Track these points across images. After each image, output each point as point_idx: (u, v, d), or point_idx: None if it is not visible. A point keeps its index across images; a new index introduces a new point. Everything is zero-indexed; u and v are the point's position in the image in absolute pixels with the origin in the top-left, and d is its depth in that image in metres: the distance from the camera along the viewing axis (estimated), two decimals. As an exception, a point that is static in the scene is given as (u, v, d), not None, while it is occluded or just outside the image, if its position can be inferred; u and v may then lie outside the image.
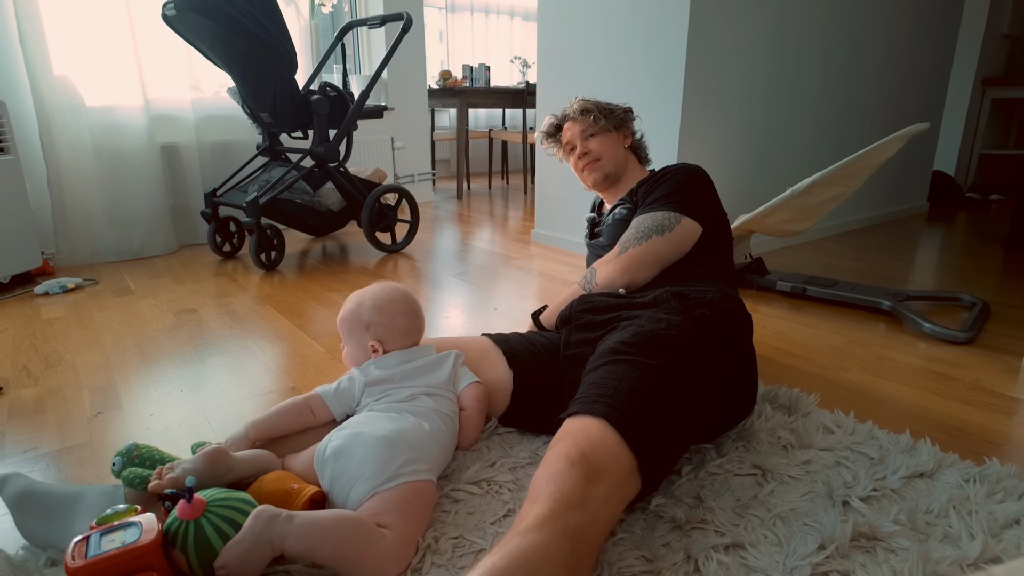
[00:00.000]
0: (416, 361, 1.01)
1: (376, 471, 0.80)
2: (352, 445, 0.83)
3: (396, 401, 0.95)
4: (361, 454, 0.82)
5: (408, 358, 1.02)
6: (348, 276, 2.26)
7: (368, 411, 0.94)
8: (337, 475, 0.82)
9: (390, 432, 0.85)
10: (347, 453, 0.83)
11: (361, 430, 0.85)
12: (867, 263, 2.36)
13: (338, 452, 0.83)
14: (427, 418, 0.93)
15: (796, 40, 2.40)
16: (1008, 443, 1.08)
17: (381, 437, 0.84)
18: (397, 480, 0.80)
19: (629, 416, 0.80)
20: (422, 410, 0.94)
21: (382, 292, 1.05)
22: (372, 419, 0.89)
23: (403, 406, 0.94)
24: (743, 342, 1.06)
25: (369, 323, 1.02)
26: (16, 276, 2.17)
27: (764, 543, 0.80)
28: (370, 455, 0.81)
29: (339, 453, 0.83)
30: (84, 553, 0.65)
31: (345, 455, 0.83)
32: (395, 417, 0.90)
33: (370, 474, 0.80)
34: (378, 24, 2.44)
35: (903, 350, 1.51)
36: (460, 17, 5.33)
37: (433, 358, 1.03)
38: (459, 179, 4.26)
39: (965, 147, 3.99)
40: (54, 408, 1.25)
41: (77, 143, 2.39)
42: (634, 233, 1.22)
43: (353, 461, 0.82)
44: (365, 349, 1.03)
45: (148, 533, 0.68)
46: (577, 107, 1.42)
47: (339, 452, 0.83)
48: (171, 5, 2.06)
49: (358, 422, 0.89)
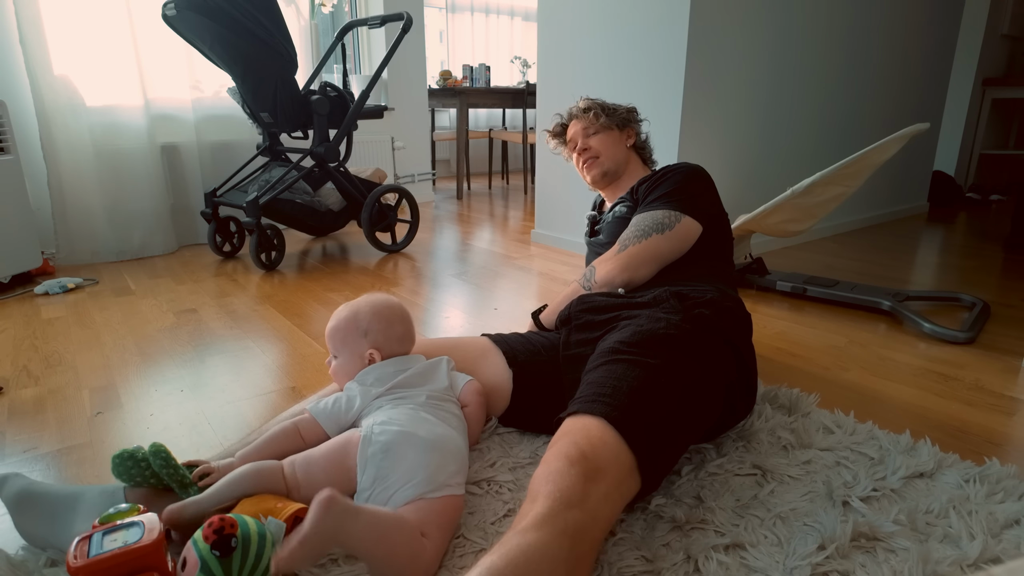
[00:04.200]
0: (413, 368, 1.00)
1: (426, 478, 0.79)
2: (402, 445, 0.81)
3: (419, 404, 0.93)
4: (412, 457, 0.81)
5: (405, 365, 1.00)
6: (348, 276, 2.26)
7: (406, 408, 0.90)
8: (383, 474, 0.80)
9: (438, 438, 0.84)
10: (397, 453, 0.81)
11: (410, 430, 0.83)
12: (867, 263, 2.36)
13: (387, 450, 0.81)
14: (454, 427, 0.92)
15: (796, 40, 2.40)
16: (1008, 443, 1.08)
17: (431, 442, 0.83)
18: (444, 491, 0.80)
19: (628, 415, 0.80)
20: (447, 417, 0.93)
21: (376, 300, 1.04)
22: (415, 419, 0.87)
23: (431, 411, 0.92)
24: (742, 342, 1.06)
25: (367, 330, 1.01)
26: (16, 276, 2.17)
27: (764, 543, 0.80)
28: (422, 460, 0.80)
29: (388, 451, 0.81)
30: (86, 553, 0.65)
31: (395, 454, 0.81)
32: (435, 421, 0.89)
33: (420, 480, 0.79)
34: (378, 24, 2.44)
35: (903, 350, 1.51)
36: (460, 17, 5.33)
37: (427, 364, 1.02)
38: (459, 179, 4.26)
39: (965, 147, 3.99)
40: (54, 408, 1.25)
41: (77, 143, 2.39)
42: (634, 231, 1.22)
43: (403, 462, 0.80)
44: (361, 358, 1.00)
45: (150, 533, 0.68)
46: (581, 105, 1.44)
47: (388, 450, 0.81)
48: (171, 5, 2.06)
49: (402, 419, 0.86)
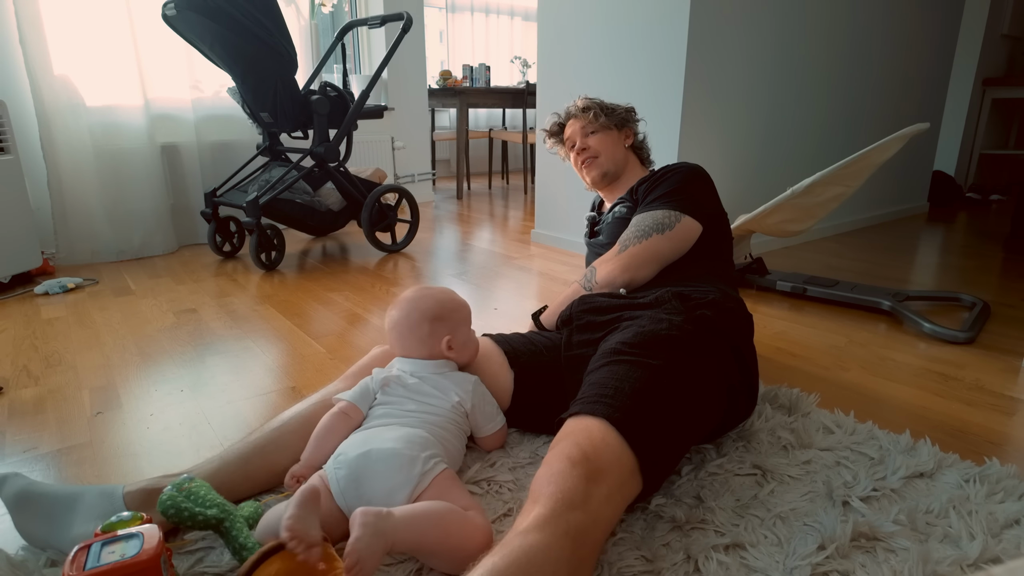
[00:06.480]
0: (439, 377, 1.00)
1: (404, 479, 0.80)
2: (365, 466, 0.81)
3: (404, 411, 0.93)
4: (381, 471, 0.80)
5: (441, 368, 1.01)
6: (348, 276, 2.26)
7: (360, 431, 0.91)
8: (366, 501, 0.79)
9: (396, 440, 0.84)
10: (365, 476, 0.80)
11: (366, 449, 0.83)
12: (867, 263, 2.36)
13: (355, 479, 0.80)
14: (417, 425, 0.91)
15: (796, 40, 2.40)
16: (1008, 443, 1.08)
17: (391, 450, 0.82)
18: (428, 476, 0.81)
19: (631, 416, 0.80)
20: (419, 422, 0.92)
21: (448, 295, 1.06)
22: (370, 435, 0.86)
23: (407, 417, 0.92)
24: (744, 342, 1.06)
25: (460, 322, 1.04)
26: (16, 276, 2.17)
27: (764, 543, 0.81)
28: (392, 466, 0.80)
29: (356, 480, 0.80)
30: (83, 564, 0.65)
31: (365, 478, 0.80)
32: (391, 427, 0.89)
33: (400, 483, 0.79)
34: (378, 24, 2.44)
35: (903, 350, 1.51)
36: (460, 17, 5.33)
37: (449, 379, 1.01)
38: (459, 179, 4.26)
39: (965, 147, 3.99)
40: (54, 408, 1.25)
41: (77, 143, 2.39)
42: (634, 231, 1.22)
43: (376, 480, 0.80)
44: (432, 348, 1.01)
45: (149, 546, 0.67)
46: (579, 105, 1.43)
47: (356, 479, 0.80)
48: (171, 5, 2.06)
49: (357, 442, 0.85)
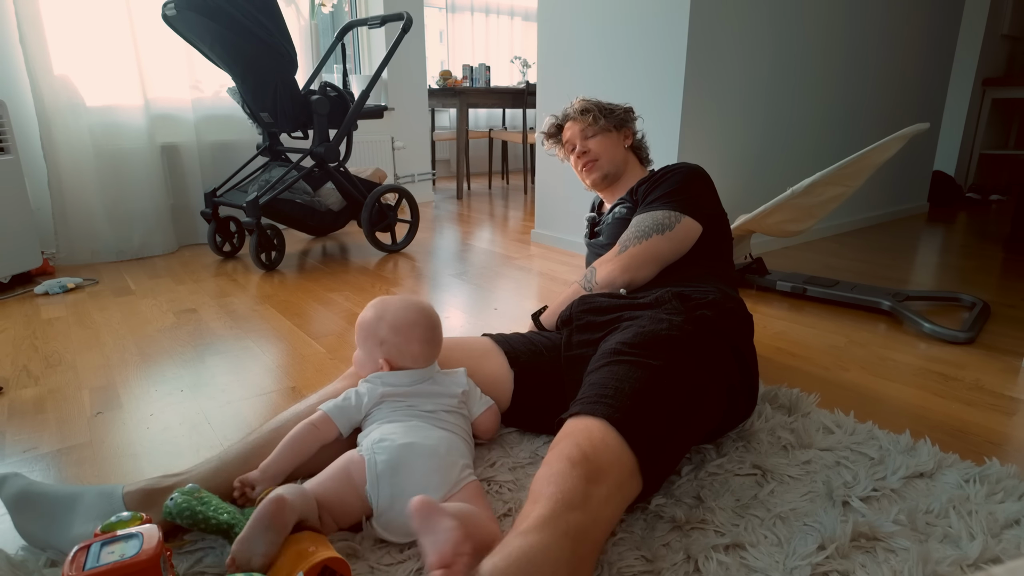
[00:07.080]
0: (427, 382, 0.99)
1: (440, 481, 0.81)
2: (408, 457, 0.82)
3: (423, 411, 0.94)
4: (421, 466, 0.82)
5: (420, 378, 0.99)
6: (348, 276, 2.26)
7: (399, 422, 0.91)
8: (398, 491, 0.80)
9: (439, 441, 0.86)
10: (406, 466, 0.82)
11: (411, 440, 0.84)
12: (867, 263, 2.36)
13: (394, 467, 0.81)
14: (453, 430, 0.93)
15: (796, 40, 2.40)
16: (1008, 443, 1.08)
17: (432, 448, 0.84)
18: (460, 484, 0.83)
19: (631, 417, 0.80)
20: (447, 423, 0.94)
21: (404, 313, 1.00)
22: (413, 428, 0.87)
23: (432, 418, 0.93)
24: (744, 343, 1.06)
25: (383, 340, 0.99)
26: (16, 276, 2.17)
27: (764, 543, 0.81)
28: (431, 465, 0.82)
29: (396, 468, 0.81)
30: (82, 565, 0.65)
31: (404, 469, 0.82)
32: (430, 428, 0.90)
33: (435, 484, 0.81)
34: (378, 24, 2.44)
35: (903, 350, 1.51)
36: (460, 17, 5.33)
37: (444, 376, 1.01)
38: (459, 179, 4.26)
39: (965, 147, 3.99)
40: (54, 408, 1.25)
41: (77, 143, 2.39)
42: (634, 232, 1.22)
43: (414, 474, 0.81)
44: (375, 362, 1.00)
45: (148, 546, 0.67)
46: (577, 107, 1.42)
47: (395, 467, 0.82)
48: (171, 5, 2.06)
49: (397, 433, 0.86)
